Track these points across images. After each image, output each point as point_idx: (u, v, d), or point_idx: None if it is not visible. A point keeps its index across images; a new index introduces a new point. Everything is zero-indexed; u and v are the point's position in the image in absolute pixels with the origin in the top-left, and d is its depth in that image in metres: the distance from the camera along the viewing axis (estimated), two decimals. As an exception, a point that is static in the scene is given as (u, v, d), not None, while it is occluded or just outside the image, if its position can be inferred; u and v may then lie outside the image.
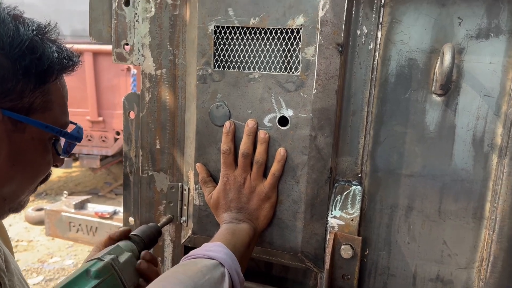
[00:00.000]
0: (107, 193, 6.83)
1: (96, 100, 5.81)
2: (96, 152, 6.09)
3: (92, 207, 4.12)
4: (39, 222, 4.67)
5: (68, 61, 0.78)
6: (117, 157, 6.52)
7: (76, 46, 1.10)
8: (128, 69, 5.52)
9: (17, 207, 0.80)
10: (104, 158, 6.38)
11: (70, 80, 0.82)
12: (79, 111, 5.78)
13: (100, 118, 5.88)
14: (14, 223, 5.49)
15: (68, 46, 0.82)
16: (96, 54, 5.61)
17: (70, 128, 0.81)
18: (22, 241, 5.14)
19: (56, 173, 7.60)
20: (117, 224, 3.83)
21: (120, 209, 4.01)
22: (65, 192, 4.26)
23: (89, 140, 5.96)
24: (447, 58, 0.86)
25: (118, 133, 5.91)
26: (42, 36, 0.74)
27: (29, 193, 0.81)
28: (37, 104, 0.73)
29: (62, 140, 0.81)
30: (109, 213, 4.00)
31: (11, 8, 0.73)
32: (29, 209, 5.08)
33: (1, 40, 0.67)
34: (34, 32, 0.72)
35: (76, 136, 0.81)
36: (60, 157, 0.83)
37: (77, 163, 6.66)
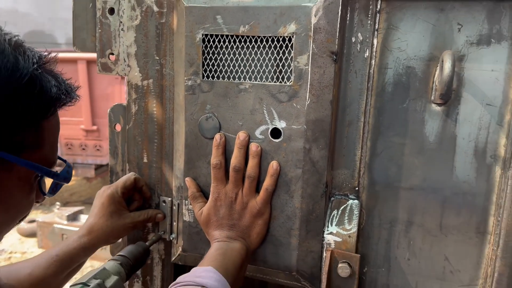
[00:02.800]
0: (102, 202, 6.74)
1: (90, 108, 5.74)
2: (90, 162, 6.01)
3: (85, 219, 4.05)
4: (31, 234, 4.58)
5: (66, 97, 0.72)
6: (112, 166, 6.44)
7: (70, 54, 1.05)
8: (122, 77, 5.47)
9: None
10: (99, 167, 6.29)
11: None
12: (73, 120, 5.71)
13: (95, 127, 5.81)
14: (8, 235, 5.39)
15: (67, 79, 0.75)
16: (90, 62, 5.55)
17: (59, 165, 0.76)
18: (16, 253, 5.05)
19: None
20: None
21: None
22: (58, 203, 4.19)
23: (83, 149, 5.88)
24: (447, 66, 0.82)
25: (112, 142, 5.84)
26: (42, 68, 0.68)
27: (7, 231, 0.76)
28: (28, 142, 0.68)
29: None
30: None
31: (12, 35, 0.67)
32: (22, 221, 5.01)
33: None
34: (35, 66, 0.66)
35: (65, 177, 0.76)
36: (45, 196, 0.78)
37: (72, 172, 6.58)
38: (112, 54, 1.07)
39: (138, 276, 1.15)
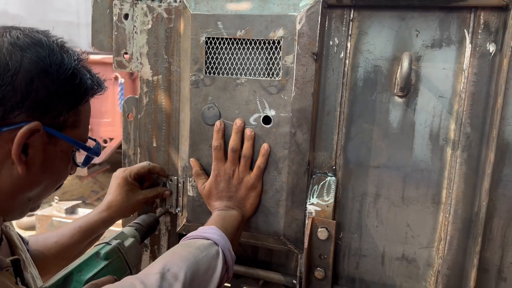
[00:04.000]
0: (94, 201, 6.86)
1: (84, 109, 5.83)
2: (83, 160, 6.09)
3: (83, 212, 4.18)
4: (30, 228, 4.69)
5: (98, 87, 0.89)
6: (104, 165, 6.55)
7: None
8: (116, 78, 5.59)
9: (35, 207, 0.91)
10: (92, 166, 6.41)
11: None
12: (67, 119, 5.77)
13: (88, 127, 5.92)
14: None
15: (96, 73, 0.92)
16: (83, 63, 5.67)
17: (90, 144, 0.91)
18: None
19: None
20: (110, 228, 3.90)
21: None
22: (56, 197, 4.32)
23: (76, 148, 5.96)
24: (405, 64, 1.01)
25: (105, 141, 5.96)
26: (80, 64, 0.85)
27: (48, 196, 0.93)
28: (69, 122, 0.83)
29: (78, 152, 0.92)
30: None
31: (57, 37, 0.84)
32: (19, 215, 5.10)
33: (50, 68, 0.78)
34: (76, 62, 0.83)
35: (96, 152, 0.92)
36: (77, 167, 0.93)
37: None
38: (126, 53, 1.24)
39: (146, 246, 1.33)
